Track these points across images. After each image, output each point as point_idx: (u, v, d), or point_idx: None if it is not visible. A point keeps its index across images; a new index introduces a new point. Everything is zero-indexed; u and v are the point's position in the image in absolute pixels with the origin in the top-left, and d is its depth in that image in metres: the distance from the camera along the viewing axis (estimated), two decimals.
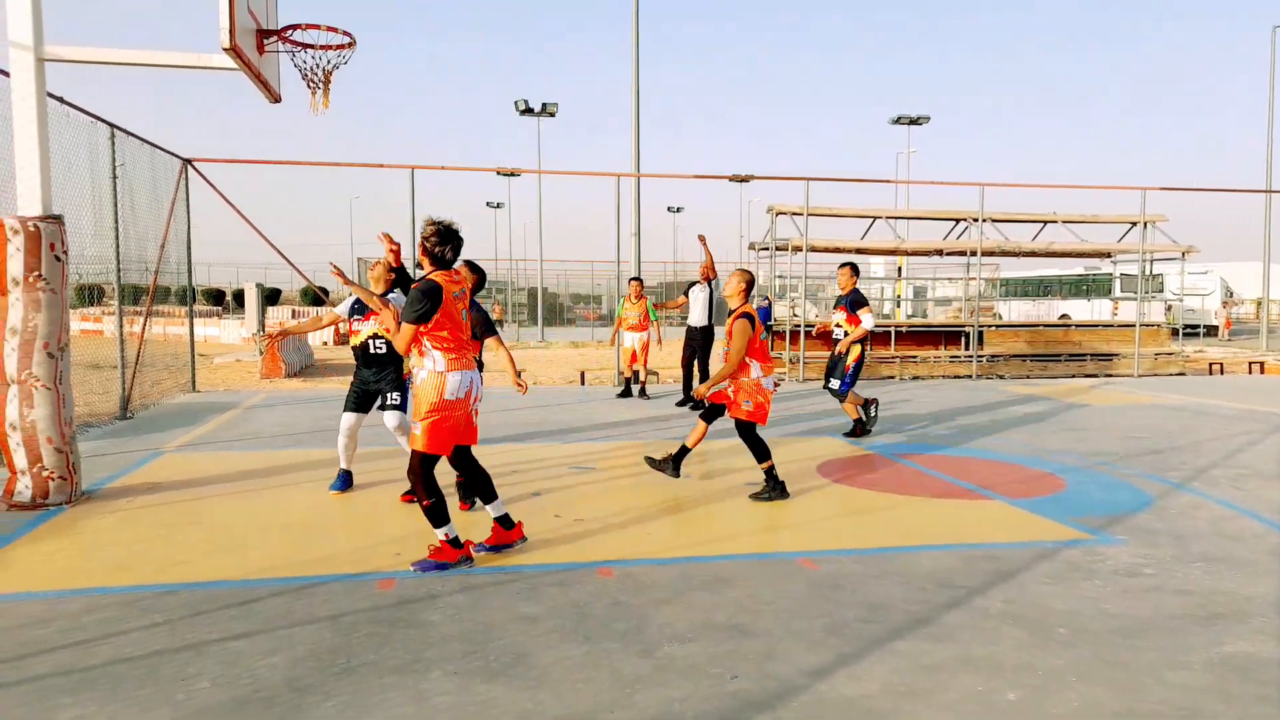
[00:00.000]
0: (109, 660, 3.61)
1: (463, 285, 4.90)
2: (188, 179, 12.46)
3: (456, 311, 4.78)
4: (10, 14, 6.06)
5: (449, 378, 4.70)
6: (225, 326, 32.57)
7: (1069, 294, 35.73)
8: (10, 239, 6.02)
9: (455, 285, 4.81)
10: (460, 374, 4.74)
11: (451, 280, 4.79)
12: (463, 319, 4.83)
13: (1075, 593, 4.45)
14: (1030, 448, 8.58)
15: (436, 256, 4.75)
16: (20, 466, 6.06)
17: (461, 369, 4.75)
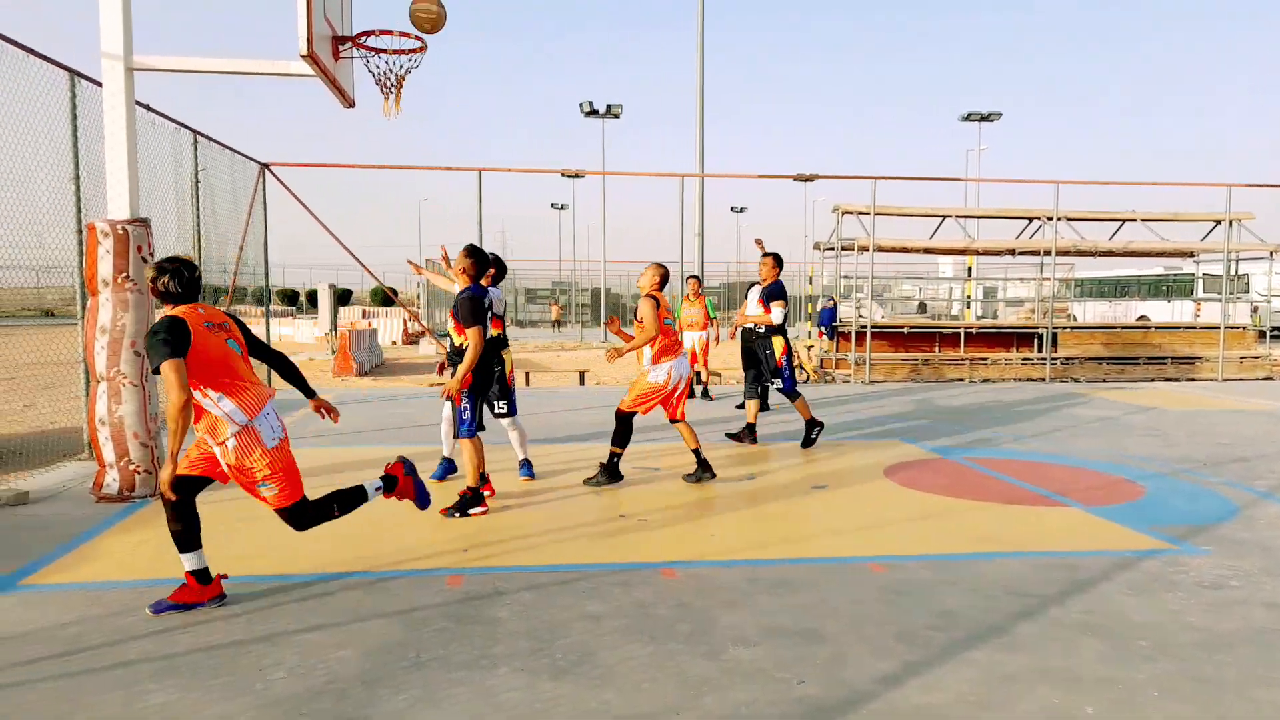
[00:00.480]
0: (191, 649, 3.74)
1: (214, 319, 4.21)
2: (265, 183, 12.84)
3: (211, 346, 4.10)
4: (103, 26, 6.33)
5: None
6: (299, 326, 33.49)
7: (1148, 295, 34.52)
8: (101, 241, 6.28)
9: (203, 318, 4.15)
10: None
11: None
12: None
13: (1157, 604, 4.30)
14: (1107, 453, 8.31)
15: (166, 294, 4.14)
16: (109, 460, 6.32)
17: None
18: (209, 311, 4.19)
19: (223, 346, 4.12)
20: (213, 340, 4.08)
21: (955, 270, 30.47)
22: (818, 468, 7.68)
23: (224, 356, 4.10)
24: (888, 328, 17.02)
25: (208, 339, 4.05)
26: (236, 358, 4.18)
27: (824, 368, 16.61)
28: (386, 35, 7.21)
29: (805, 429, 8.63)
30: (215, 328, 4.13)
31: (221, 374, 4.07)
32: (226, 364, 4.10)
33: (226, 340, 4.15)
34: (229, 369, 4.10)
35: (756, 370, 9.39)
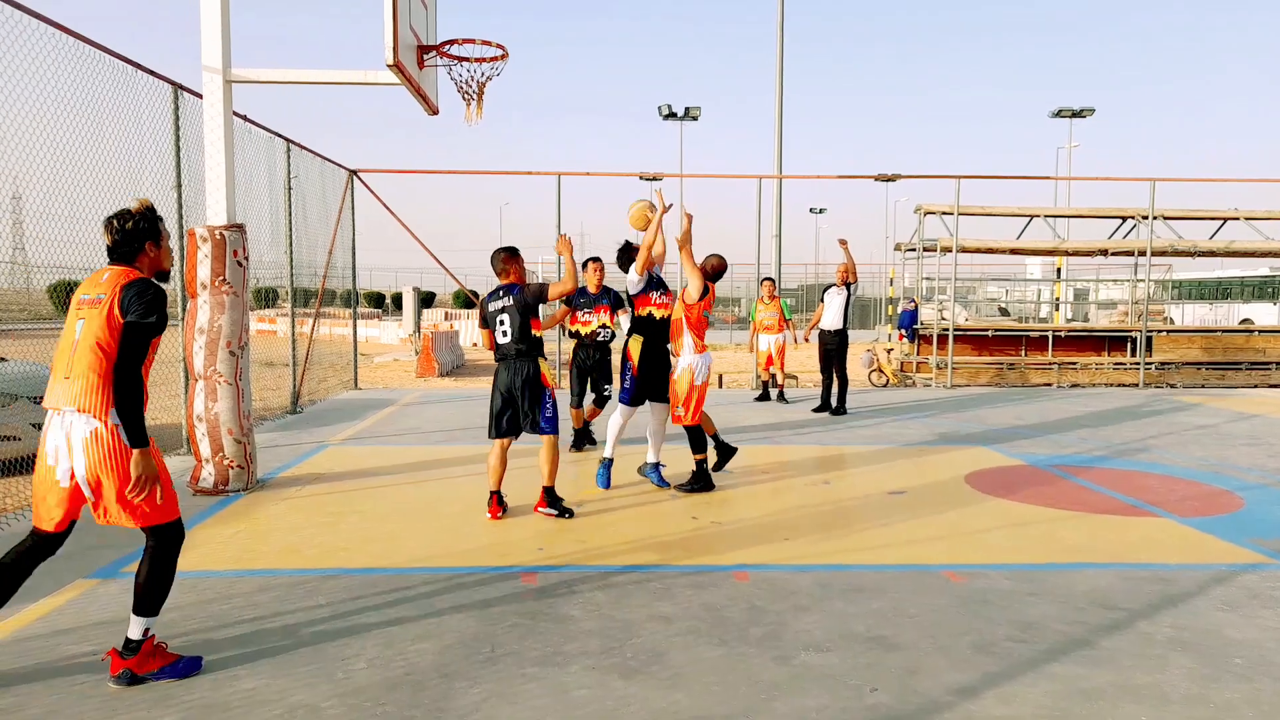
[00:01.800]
0: (279, 636, 3.90)
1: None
2: (353, 189, 13.26)
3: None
4: (204, 41, 6.64)
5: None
6: (384, 328, 34.43)
7: (1252, 297, 32.83)
8: (200, 246, 6.59)
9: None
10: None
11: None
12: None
13: (1255, 621, 4.11)
14: (1205, 462, 7.96)
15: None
16: (205, 455, 6.62)
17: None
18: (104, 278, 3.44)
19: (69, 326, 3.43)
20: (68, 316, 3.46)
21: (1044, 272, 29.50)
22: (896, 473, 7.55)
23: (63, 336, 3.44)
24: (971, 330, 16.61)
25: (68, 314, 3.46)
26: (63, 343, 3.44)
27: (904, 371, 16.30)
28: (469, 44, 7.39)
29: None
30: (85, 303, 3.41)
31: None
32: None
33: (77, 321, 3.40)
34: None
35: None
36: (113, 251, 3.50)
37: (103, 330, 3.31)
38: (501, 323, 5.85)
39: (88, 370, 3.31)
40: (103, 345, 3.31)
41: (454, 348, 22.29)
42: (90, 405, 3.30)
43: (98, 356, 3.31)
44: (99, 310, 3.34)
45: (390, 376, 18.61)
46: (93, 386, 3.30)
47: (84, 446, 3.30)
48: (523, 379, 5.81)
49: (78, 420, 3.31)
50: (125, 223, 3.48)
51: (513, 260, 5.96)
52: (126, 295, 3.33)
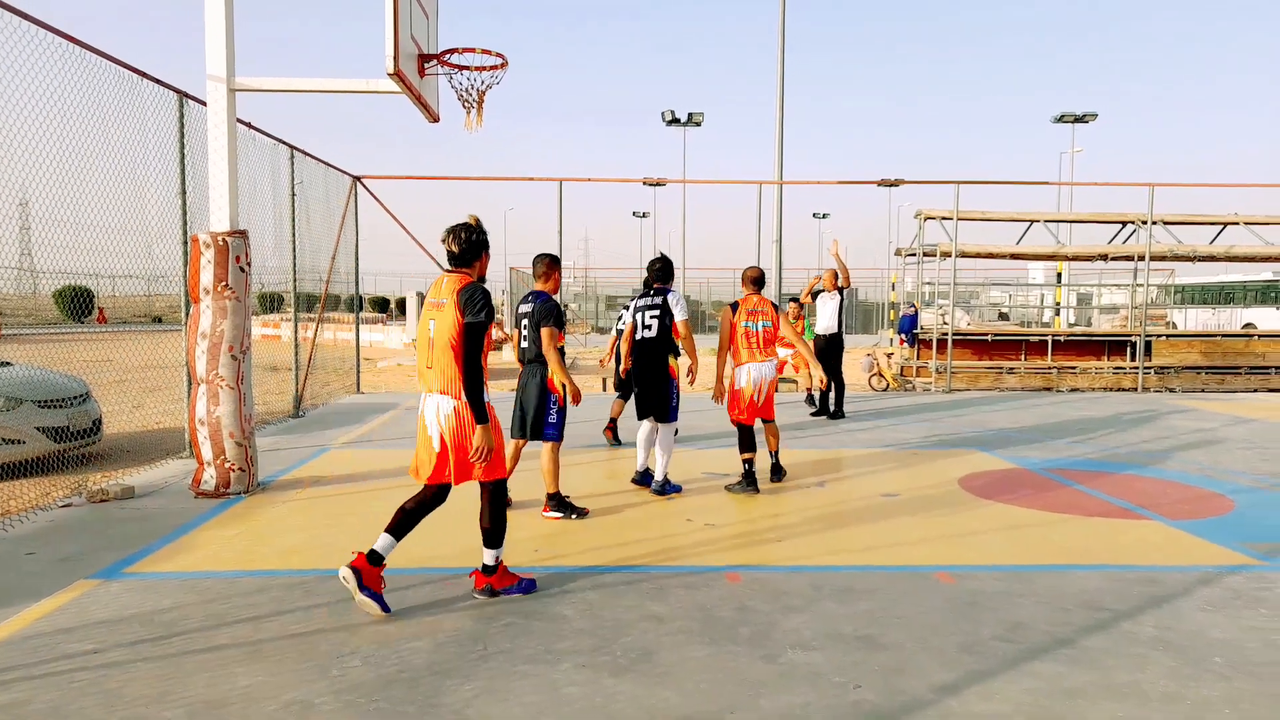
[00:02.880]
0: (276, 635, 3.98)
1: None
2: (357, 195, 13.36)
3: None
4: (208, 50, 6.74)
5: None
6: (388, 332, 34.54)
7: (1254, 302, 32.82)
8: (203, 252, 6.69)
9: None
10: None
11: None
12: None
13: (1237, 621, 4.16)
14: (1198, 466, 8.00)
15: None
16: (206, 458, 6.71)
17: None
18: (444, 284, 4.29)
19: (423, 324, 4.38)
20: (421, 316, 4.41)
21: (1046, 276, 29.53)
22: (891, 476, 7.61)
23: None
24: (971, 335, 16.65)
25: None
26: (421, 338, 4.41)
27: (904, 376, 16.34)
28: (469, 53, 7.47)
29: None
30: (432, 305, 4.31)
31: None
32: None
33: (429, 321, 4.30)
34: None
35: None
36: (455, 258, 4.30)
37: (450, 328, 4.15)
38: (525, 327, 6.09)
39: (444, 360, 4.17)
40: (451, 340, 4.15)
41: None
42: (448, 388, 4.19)
43: (449, 349, 4.15)
44: (444, 312, 4.18)
45: (393, 381, 18.70)
46: (449, 374, 4.17)
47: (444, 421, 4.21)
48: (535, 384, 6.05)
49: (442, 401, 4.22)
50: (471, 235, 4.30)
51: (554, 268, 6.19)
52: (464, 298, 4.15)
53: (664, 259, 7.01)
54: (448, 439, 4.22)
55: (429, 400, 4.28)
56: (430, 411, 4.28)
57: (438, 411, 4.24)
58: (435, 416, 4.25)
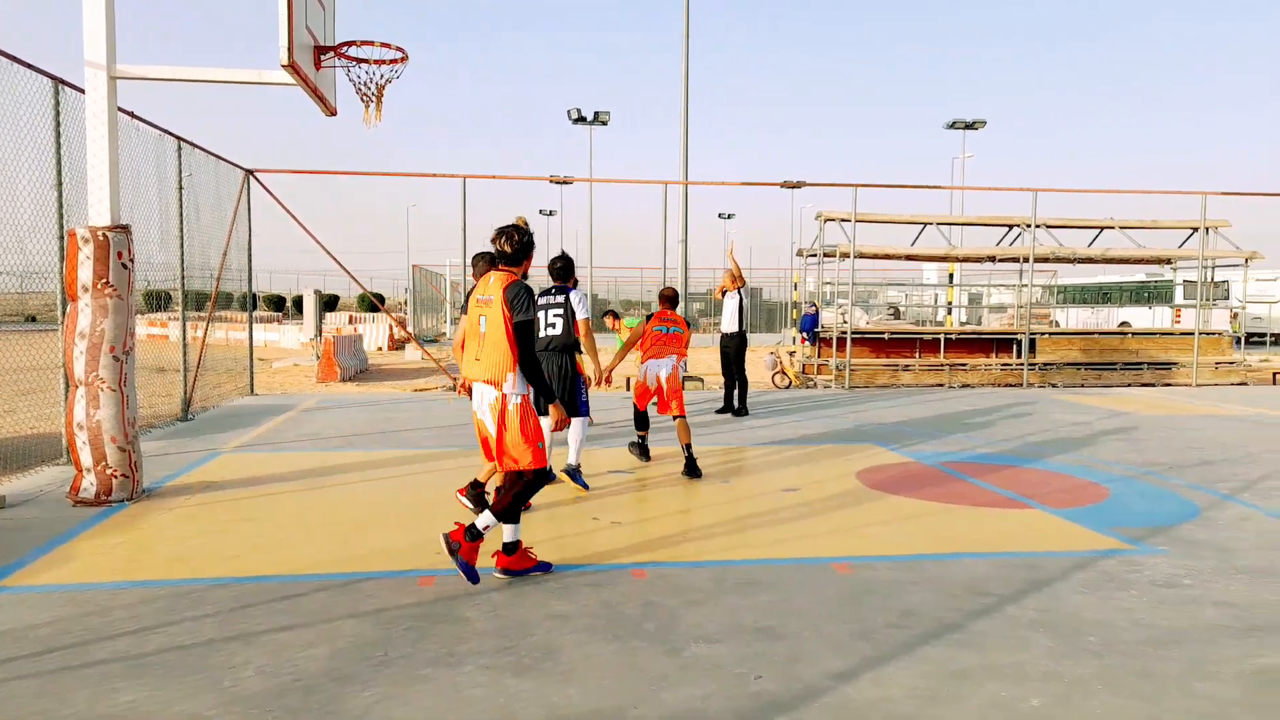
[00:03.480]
0: (162, 648, 3.81)
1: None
2: (250, 189, 12.90)
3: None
4: (86, 35, 6.40)
5: None
6: (284, 332, 33.42)
7: (1129, 301, 34.86)
8: (81, 247, 6.34)
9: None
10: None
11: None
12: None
13: (1109, 603, 4.42)
14: (1077, 457, 8.46)
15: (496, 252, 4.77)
16: (86, 464, 6.37)
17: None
18: (490, 281, 4.63)
19: (472, 319, 4.73)
20: (470, 312, 4.78)
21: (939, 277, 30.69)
22: (792, 471, 7.79)
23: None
24: (869, 333, 17.19)
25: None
26: (470, 332, 4.77)
27: (805, 373, 16.74)
28: (367, 45, 7.31)
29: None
30: (481, 302, 4.64)
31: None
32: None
33: (479, 316, 4.65)
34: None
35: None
36: (505, 258, 4.62)
37: (498, 324, 4.48)
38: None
39: (491, 353, 4.53)
40: (499, 335, 4.48)
41: (357, 352, 21.82)
42: (494, 379, 4.53)
43: (496, 343, 4.50)
44: (492, 308, 4.51)
45: (289, 382, 18.11)
46: (495, 366, 4.52)
47: (490, 409, 4.56)
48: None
49: (486, 390, 4.57)
50: (523, 237, 4.65)
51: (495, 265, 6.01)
52: (510, 297, 4.48)
53: (564, 257, 7.03)
54: (493, 426, 4.59)
55: (476, 389, 4.66)
56: (479, 400, 4.65)
57: (483, 399, 4.62)
58: (481, 403, 4.63)
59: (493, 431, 4.60)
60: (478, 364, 4.61)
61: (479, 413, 4.68)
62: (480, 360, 4.60)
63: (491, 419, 4.59)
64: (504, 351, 4.51)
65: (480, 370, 4.61)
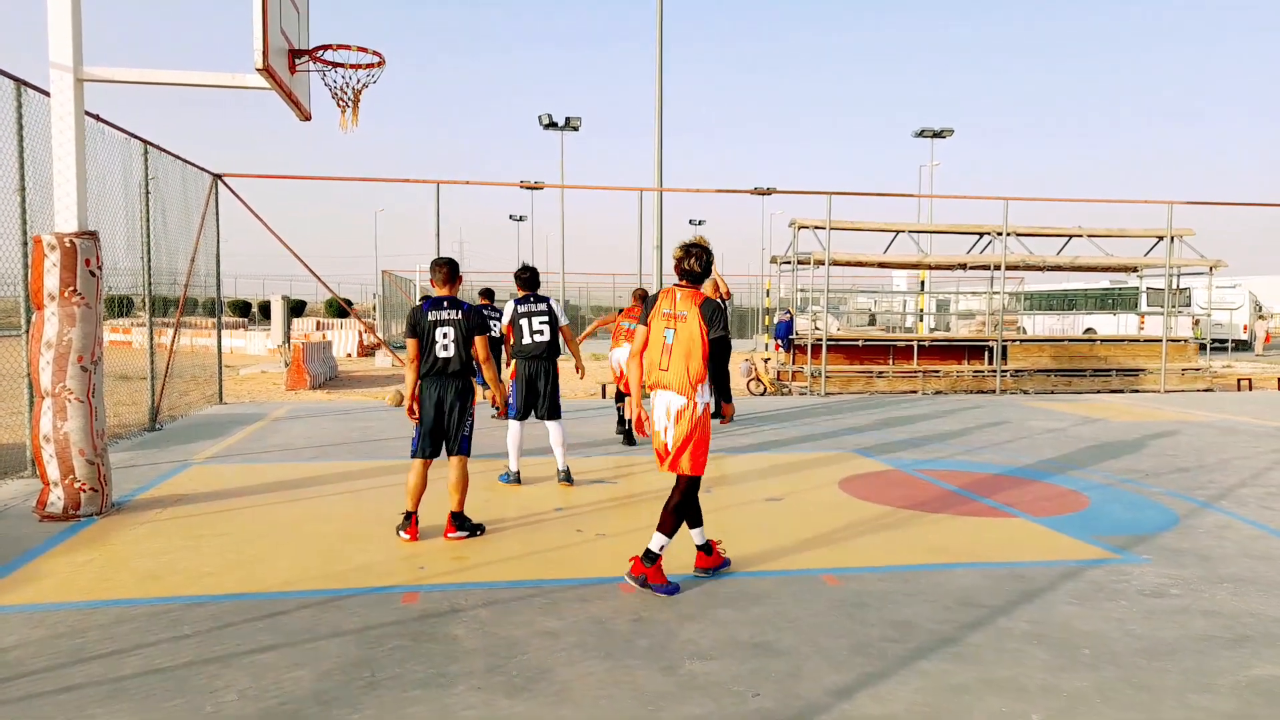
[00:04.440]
0: (140, 671, 3.67)
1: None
2: (218, 193, 12.66)
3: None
4: (51, 37, 6.21)
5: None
6: (251, 338, 32.92)
7: (1094, 308, 35.43)
8: (47, 254, 6.15)
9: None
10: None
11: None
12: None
13: (1100, 613, 4.42)
14: (1054, 464, 8.52)
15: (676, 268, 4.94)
16: (53, 478, 6.17)
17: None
18: (678, 297, 4.85)
19: (656, 331, 4.89)
20: (655, 325, 4.90)
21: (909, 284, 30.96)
22: (773, 480, 7.76)
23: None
24: (843, 340, 17.26)
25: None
26: (654, 343, 4.93)
27: (780, 380, 16.77)
28: (344, 50, 7.19)
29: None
30: (668, 315, 4.84)
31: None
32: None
33: (665, 329, 4.84)
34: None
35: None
36: (691, 275, 4.86)
37: (694, 338, 4.71)
38: (443, 336, 5.64)
39: (682, 364, 4.71)
40: (690, 349, 4.72)
41: (326, 359, 21.52)
42: (681, 388, 4.71)
43: (685, 356, 4.71)
44: (685, 323, 4.75)
45: (258, 389, 17.81)
46: (682, 376, 4.71)
47: (675, 417, 4.73)
48: (454, 395, 5.71)
49: (673, 399, 4.74)
50: (707, 257, 4.88)
51: (457, 274, 5.95)
52: (708, 314, 4.77)
53: (530, 268, 7.67)
54: (671, 432, 4.73)
55: (661, 396, 4.80)
56: (660, 408, 4.79)
57: (668, 408, 4.75)
58: (664, 412, 4.76)
59: (673, 438, 4.75)
60: (666, 374, 4.78)
61: (657, 422, 4.83)
62: (669, 370, 4.77)
63: (676, 426, 4.74)
64: (699, 362, 4.71)
65: (670, 379, 4.77)
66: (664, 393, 4.80)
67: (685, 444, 4.74)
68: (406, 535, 5.67)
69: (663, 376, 4.80)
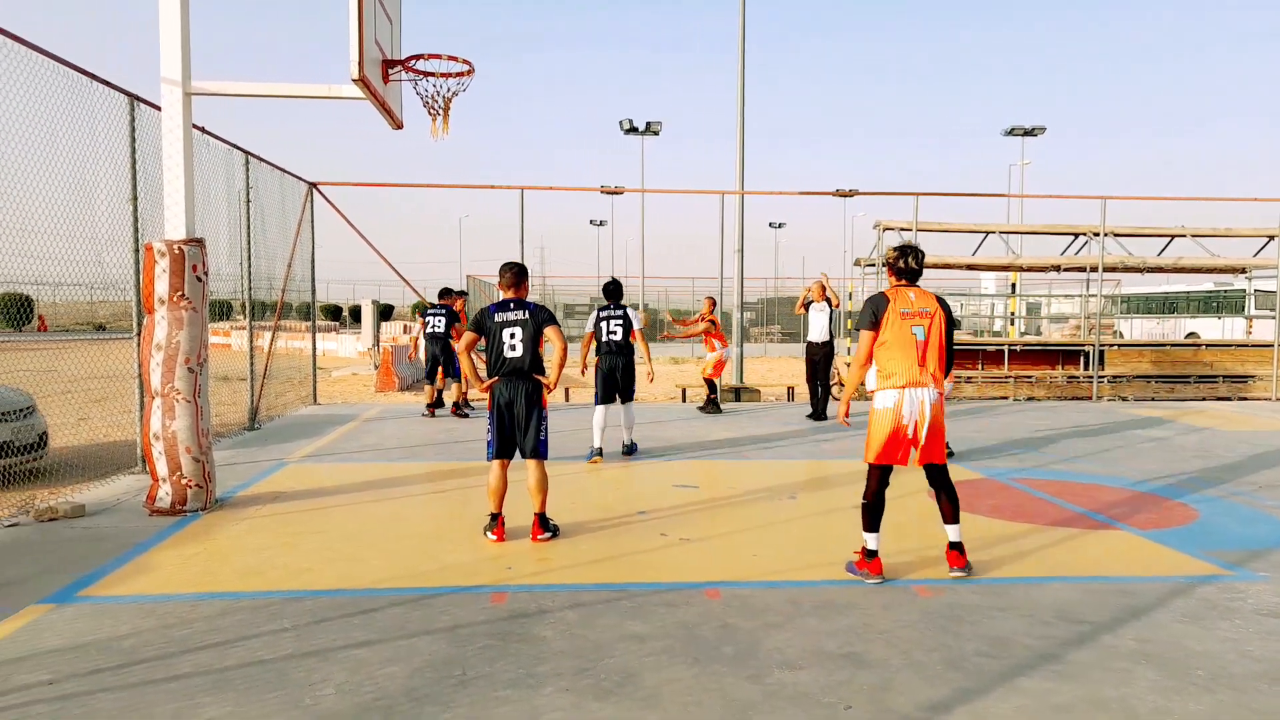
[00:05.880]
0: (243, 662, 3.81)
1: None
2: (313, 201, 13.09)
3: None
4: (163, 53, 6.52)
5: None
6: (342, 341, 33.96)
7: (1197, 311, 33.76)
8: (157, 261, 6.45)
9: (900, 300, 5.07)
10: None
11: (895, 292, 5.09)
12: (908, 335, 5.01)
13: (1213, 633, 4.20)
14: (1159, 475, 8.13)
15: (894, 268, 5.14)
16: (162, 474, 6.46)
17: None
18: (912, 297, 5.05)
19: (903, 330, 5.02)
20: (898, 325, 5.03)
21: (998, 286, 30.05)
22: (859, 487, 7.57)
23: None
24: None
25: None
26: (904, 341, 5.02)
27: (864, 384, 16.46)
28: (435, 59, 7.34)
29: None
30: (916, 315, 5.02)
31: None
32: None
33: (913, 327, 5.01)
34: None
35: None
36: (911, 274, 5.09)
37: (939, 333, 4.99)
38: (510, 337, 5.73)
39: (933, 359, 4.97)
40: (940, 343, 4.99)
41: (414, 362, 22.05)
42: (935, 381, 4.97)
43: (937, 350, 4.98)
44: (933, 320, 5.00)
45: (349, 391, 18.35)
46: (939, 370, 4.99)
47: (931, 409, 4.94)
48: (524, 396, 5.77)
49: (928, 393, 4.93)
50: (922, 254, 5.13)
51: (523, 277, 6.02)
52: (947, 309, 5.10)
53: (614, 282, 9.18)
54: (929, 425, 4.95)
55: (914, 393, 4.93)
56: (911, 403, 4.92)
57: (923, 402, 4.92)
58: (918, 406, 4.92)
59: (929, 431, 4.96)
60: (923, 369, 4.94)
61: (909, 415, 4.93)
62: (925, 365, 4.95)
63: (928, 419, 4.94)
64: (943, 356, 5.00)
65: (927, 375, 4.95)
66: (918, 389, 4.92)
67: (943, 433, 5.03)
68: (493, 536, 5.75)
69: (918, 373, 4.93)
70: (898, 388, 4.94)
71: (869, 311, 5.04)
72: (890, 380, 4.95)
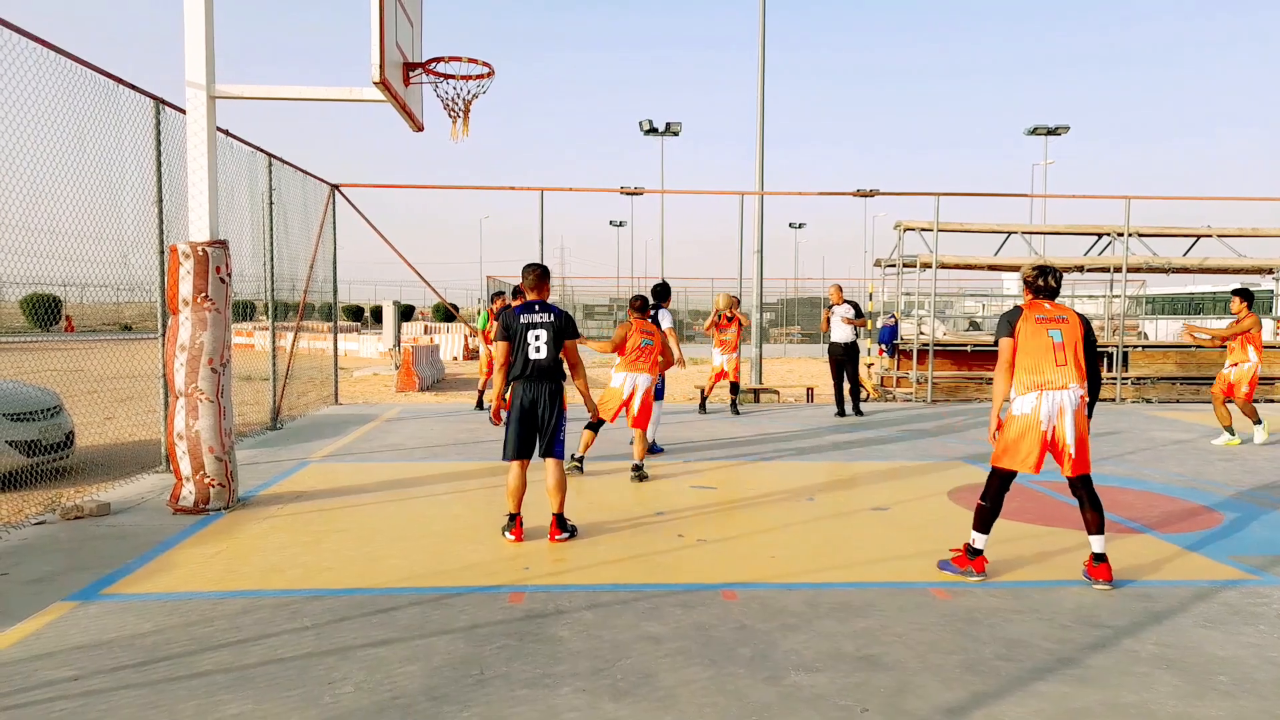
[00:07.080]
0: (263, 660, 3.85)
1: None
2: (335, 203, 13.20)
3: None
4: (187, 57, 6.60)
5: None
6: (363, 341, 34.19)
7: (1224, 312, 33.32)
8: (182, 262, 6.53)
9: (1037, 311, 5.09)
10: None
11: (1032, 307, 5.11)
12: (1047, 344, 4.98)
13: (1236, 638, 4.15)
14: (1183, 478, 8.05)
15: (1033, 287, 5.17)
16: (185, 473, 6.54)
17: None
18: (1046, 306, 5.09)
19: (1040, 333, 5.01)
20: (1031, 329, 5.04)
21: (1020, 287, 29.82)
22: (878, 489, 7.58)
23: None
24: (950, 345, 16.73)
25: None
26: (1040, 346, 5.01)
27: (884, 386, 16.39)
28: (455, 61, 7.39)
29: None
30: (1052, 320, 5.04)
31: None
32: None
33: (1049, 331, 5.01)
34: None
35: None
36: (1050, 291, 5.12)
37: (1075, 338, 4.98)
38: (535, 339, 5.77)
39: (1072, 362, 4.93)
40: (1078, 348, 4.96)
41: (434, 362, 22.17)
42: (1079, 382, 4.92)
43: (1074, 352, 4.94)
44: (1070, 326, 4.99)
45: (370, 391, 18.48)
46: (1080, 371, 4.94)
47: (1074, 411, 4.89)
48: (547, 397, 5.82)
49: (1068, 396, 4.89)
50: (1060, 274, 5.16)
51: (546, 279, 6.07)
52: (1085, 322, 5.05)
53: (663, 284, 9.53)
54: (1075, 427, 4.90)
55: (1052, 395, 4.90)
56: (1050, 404, 4.89)
57: (1062, 405, 4.89)
58: (1055, 408, 4.89)
59: (1074, 436, 4.89)
60: (1063, 372, 4.92)
61: (1046, 417, 4.89)
62: (1065, 366, 4.93)
63: (1071, 422, 4.88)
64: (1082, 363, 4.95)
65: (1069, 377, 4.92)
66: (1056, 392, 4.88)
67: (1087, 444, 4.96)
68: (511, 536, 5.78)
69: (1059, 375, 4.90)
70: (1035, 389, 4.93)
71: (1005, 322, 5.07)
72: (1028, 384, 4.94)
